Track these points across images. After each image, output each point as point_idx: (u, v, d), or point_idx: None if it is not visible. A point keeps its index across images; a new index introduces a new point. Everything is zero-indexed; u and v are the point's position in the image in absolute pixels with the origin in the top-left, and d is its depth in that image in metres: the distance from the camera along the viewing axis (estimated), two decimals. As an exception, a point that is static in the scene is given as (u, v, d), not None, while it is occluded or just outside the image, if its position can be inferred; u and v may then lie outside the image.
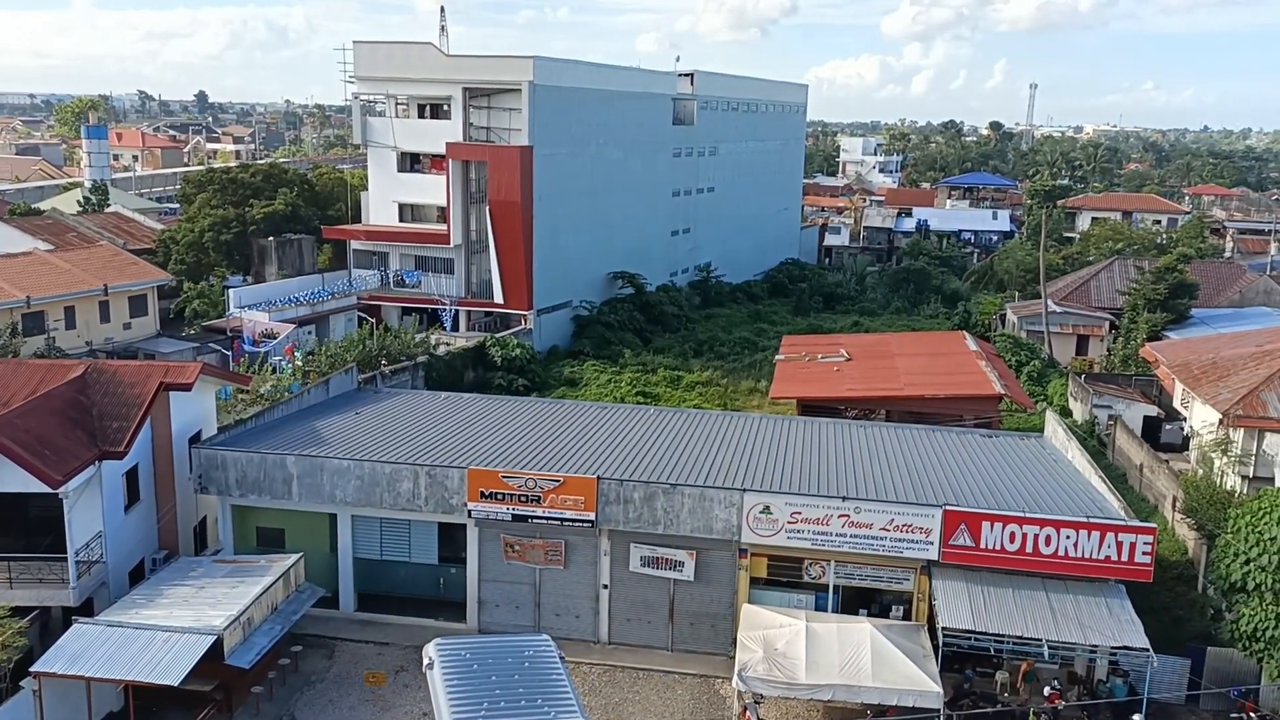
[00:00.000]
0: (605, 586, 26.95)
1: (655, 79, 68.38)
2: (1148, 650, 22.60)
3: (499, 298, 54.56)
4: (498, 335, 51.06)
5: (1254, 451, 33.92)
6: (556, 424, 32.08)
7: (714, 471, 27.73)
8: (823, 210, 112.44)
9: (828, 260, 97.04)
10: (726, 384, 49.51)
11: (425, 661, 21.04)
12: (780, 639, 23.50)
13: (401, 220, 58.32)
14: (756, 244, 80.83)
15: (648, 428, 32.07)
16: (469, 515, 26.93)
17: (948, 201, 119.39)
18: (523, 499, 26.42)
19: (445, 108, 56.35)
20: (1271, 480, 32.06)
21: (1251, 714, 23.71)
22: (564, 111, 56.34)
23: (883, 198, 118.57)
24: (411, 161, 58.05)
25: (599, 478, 26.32)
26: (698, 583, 26.50)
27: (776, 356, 46.11)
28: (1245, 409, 34.09)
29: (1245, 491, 32.06)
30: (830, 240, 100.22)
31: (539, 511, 26.43)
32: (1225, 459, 34.51)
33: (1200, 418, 37.45)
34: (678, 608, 26.75)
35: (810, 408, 37.91)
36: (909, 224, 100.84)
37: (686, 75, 72.34)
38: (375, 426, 31.24)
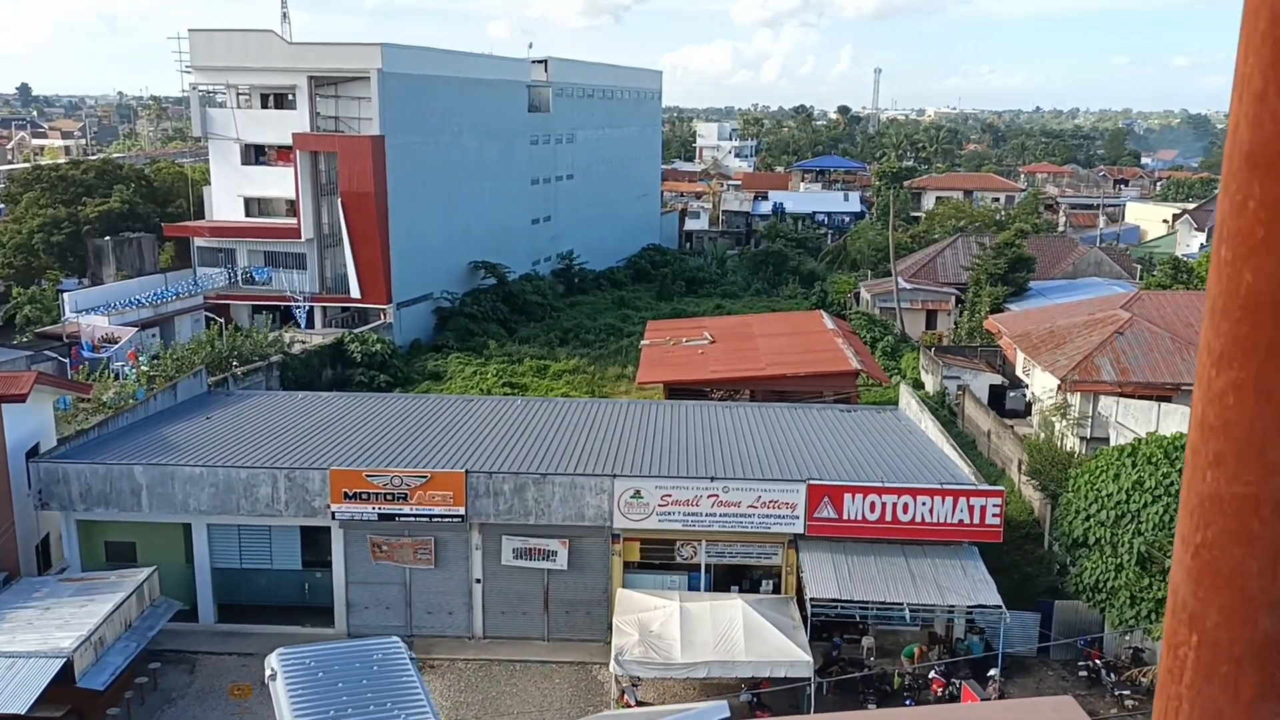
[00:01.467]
0: (478, 581, 26.62)
1: (509, 66, 67.60)
2: (1000, 607, 23.79)
3: (355, 292, 53.03)
4: (356, 331, 49.67)
5: (1090, 414, 36.09)
6: (422, 419, 31.45)
7: (584, 459, 27.70)
8: (682, 195, 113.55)
9: (689, 245, 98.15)
10: (593, 371, 49.53)
11: (268, 673, 20.28)
12: (655, 621, 23.71)
13: (248, 215, 55.96)
14: (618, 230, 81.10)
15: (516, 418, 31.78)
16: (333, 517, 26.13)
17: (801, 184, 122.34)
18: (389, 497, 25.79)
19: (290, 97, 54.29)
20: (1107, 440, 34.18)
21: (1096, 660, 25.26)
22: (416, 100, 55.10)
23: (739, 182, 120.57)
24: (256, 154, 55.73)
25: (467, 471, 25.93)
26: (571, 571, 26.45)
27: (642, 342, 46.41)
28: (1080, 374, 36.21)
29: (1083, 452, 34.10)
30: (690, 225, 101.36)
31: (406, 509, 25.85)
32: (1064, 422, 36.59)
33: (1041, 384, 39.60)
34: (552, 597, 26.65)
35: (677, 391, 38.32)
36: (765, 207, 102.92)
37: (540, 62, 71.81)
38: (229, 430, 29.95)
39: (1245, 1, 0.83)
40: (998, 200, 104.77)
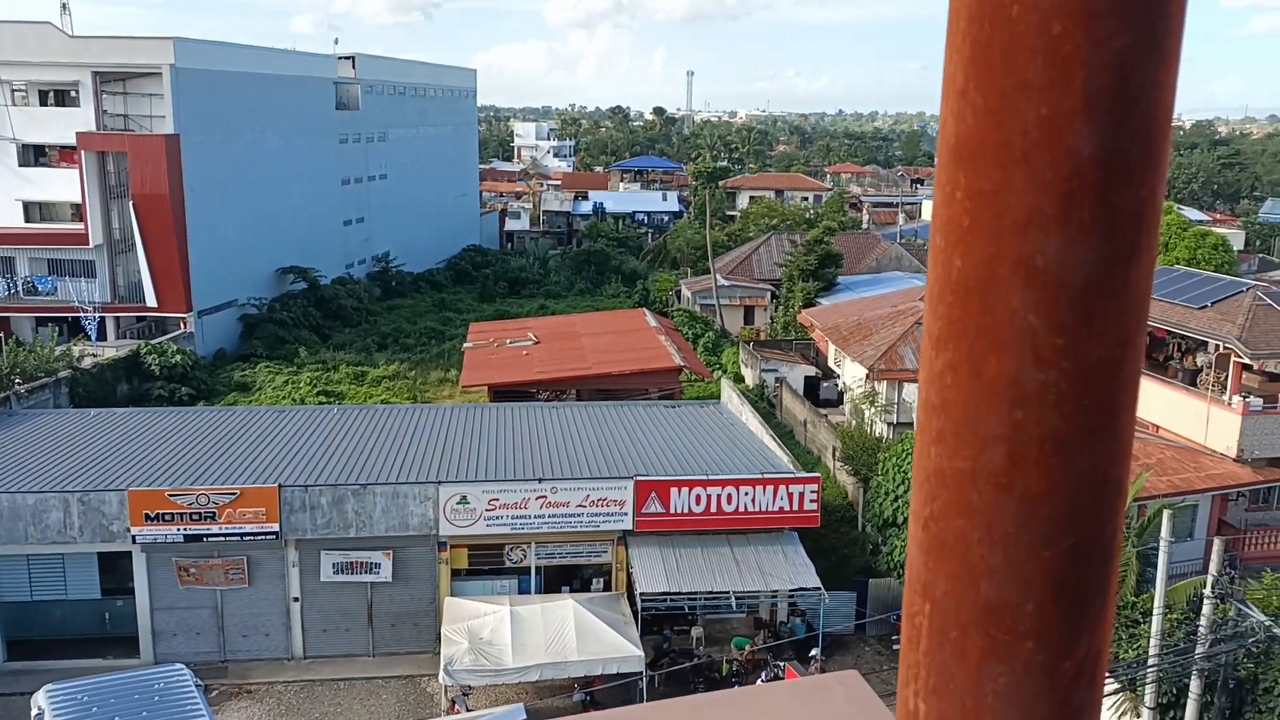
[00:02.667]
0: (296, 599, 25.56)
1: (314, 62, 65.26)
2: (820, 589, 24.80)
3: (152, 300, 49.85)
4: (153, 341, 46.71)
5: (895, 400, 38.13)
6: (230, 433, 29.92)
7: (407, 467, 27.07)
8: (501, 195, 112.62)
9: (510, 245, 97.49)
10: (415, 376, 48.48)
11: (34, 712, 18.85)
12: (485, 627, 23.44)
13: (28, 220, 51.65)
14: (436, 231, 79.64)
15: (332, 428, 30.70)
16: (133, 541, 24.50)
17: (620, 184, 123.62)
18: (195, 517, 24.40)
19: (73, 94, 50.51)
20: (912, 425, 36.18)
21: (908, 633, 26.66)
22: (214, 97, 52.35)
23: (559, 181, 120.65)
24: (36, 154, 51.55)
25: (280, 485, 24.86)
26: (397, 583, 25.79)
27: (464, 344, 45.77)
28: (886, 363, 38.20)
29: (891, 437, 36.00)
30: (511, 225, 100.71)
31: (215, 529, 24.53)
32: (873, 409, 38.52)
33: (851, 374, 41.54)
34: (377, 611, 25.91)
35: (502, 393, 37.98)
36: (586, 207, 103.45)
37: (348, 59, 69.64)
38: (13, 453, 27.59)
39: (949, 3, 0.88)
40: (807, 199, 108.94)
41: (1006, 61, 0.82)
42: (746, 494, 26.19)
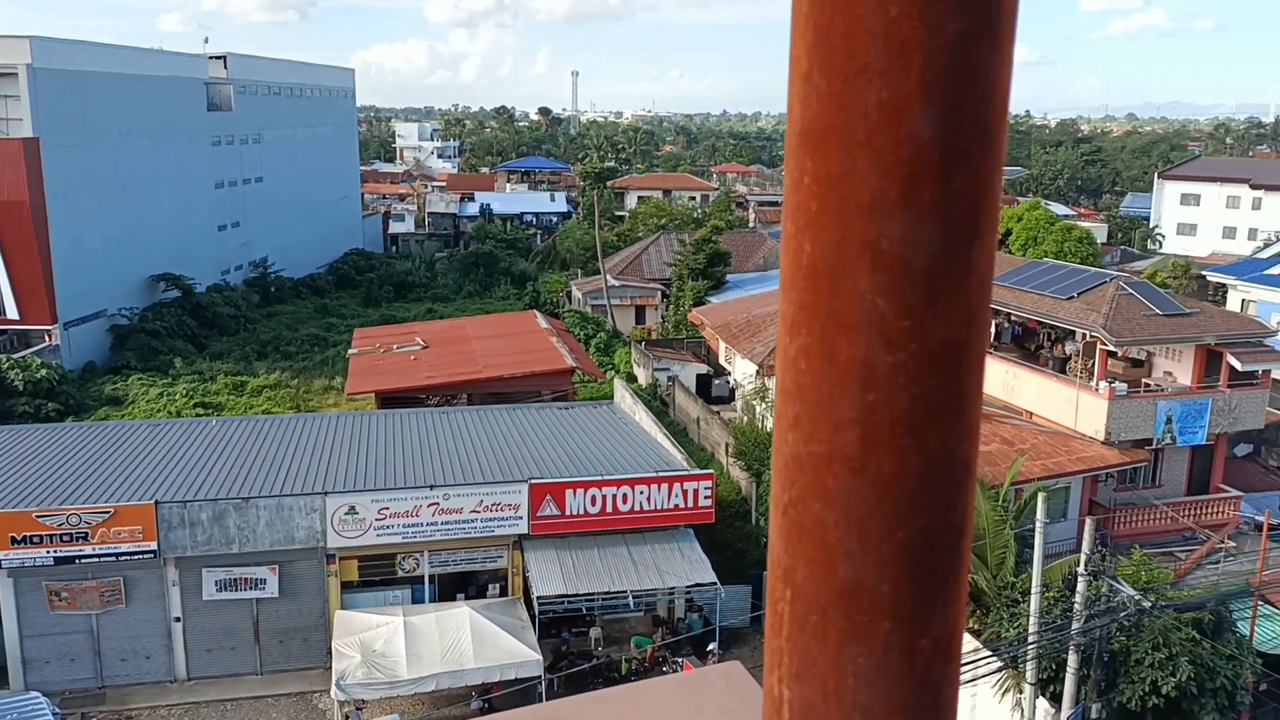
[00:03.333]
0: (177, 619, 24.57)
1: (183, 62, 62.83)
2: (715, 584, 25.09)
3: (13, 313, 47.25)
4: (16, 355, 44.28)
5: (784, 395, 38.83)
6: (102, 449, 28.57)
7: (292, 478, 26.30)
8: (384, 198, 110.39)
9: (394, 248, 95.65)
10: (298, 384, 47.16)
11: None
12: (378, 639, 22.95)
13: None
14: (317, 235, 77.59)
15: (212, 440, 29.60)
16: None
17: (507, 185, 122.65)
18: (66, 538, 23.21)
19: (-81, 93, 47.45)
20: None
21: (801, 623, 27.17)
22: (76, 98, 49.92)
23: (444, 183, 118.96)
24: (-122, 158, 48.20)
25: (157, 502, 23.85)
26: (284, 598, 25.03)
27: (349, 351, 44.73)
28: (775, 359, 38.91)
29: (780, 431, 36.60)
30: (395, 228, 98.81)
31: (88, 549, 23.38)
32: (764, 404, 39.15)
33: (741, 371, 42.14)
34: (264, 628, 25.09)
35: (390, 400, 37.24)
36: (473, 208, 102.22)
37: (219, 58, 67.27)
38: None
39: (793, -13, 0.88)
40: (694, 199, 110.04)
41: (848, 45, 0.83)
42: (642, 493, 26.30)
